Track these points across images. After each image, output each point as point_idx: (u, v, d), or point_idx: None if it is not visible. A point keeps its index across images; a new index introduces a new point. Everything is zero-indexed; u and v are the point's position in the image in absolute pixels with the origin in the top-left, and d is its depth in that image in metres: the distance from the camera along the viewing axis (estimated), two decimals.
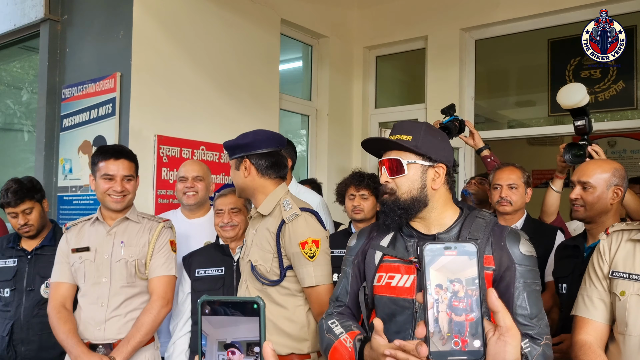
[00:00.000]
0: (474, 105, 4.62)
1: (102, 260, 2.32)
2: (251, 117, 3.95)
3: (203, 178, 2.85)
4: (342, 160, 4.94)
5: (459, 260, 0.89)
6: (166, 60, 3.43)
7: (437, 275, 0.89)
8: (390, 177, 1.60)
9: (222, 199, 2.55)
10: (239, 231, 2.51)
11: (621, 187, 2.12)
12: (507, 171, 2.76)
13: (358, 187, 2.91)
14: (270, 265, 2.06)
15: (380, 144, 1.68)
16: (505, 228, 1.59)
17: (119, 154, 2.38)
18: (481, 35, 4.59)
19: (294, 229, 2.03)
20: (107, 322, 2.27)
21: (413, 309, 1.55)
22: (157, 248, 2.39)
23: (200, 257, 2.57)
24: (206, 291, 2.46)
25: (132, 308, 2.32)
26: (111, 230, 2.37)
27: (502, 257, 1.52)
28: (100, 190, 2.34)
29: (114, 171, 2.33)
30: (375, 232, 1.74)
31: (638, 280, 1.58)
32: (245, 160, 2.14)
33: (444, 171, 1.62)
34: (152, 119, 3.33)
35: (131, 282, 2.33)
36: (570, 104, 2.68)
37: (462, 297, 0.88)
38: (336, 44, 4.91)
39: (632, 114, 4.13)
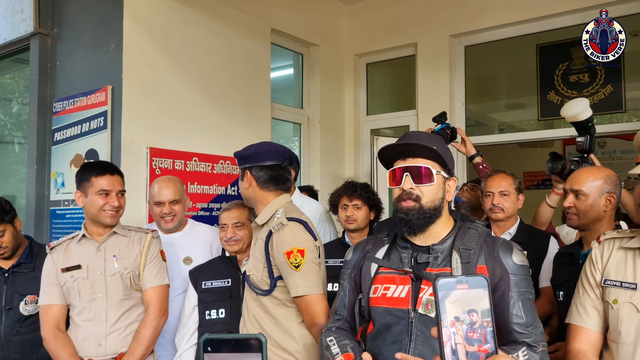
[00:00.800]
0: (465, 109, 4.66)
1: (95, 276, 2.31)
2: (243, 126, 3.95)
3: (179, 200, 2.80)
4: (334, 168, 4.95)
5: (472, 292, 0.90)
6: (157, 73, 3.42)
7: (453, 308, 0.91)
8: (415, 184, 1.59)
9: (226, 213, 2.56)
10: (242, 245, 2.52)
11: (614, 194, 2.13)
12: (499, 178, 2.79)
13: (351, 197, 2.91)
14: (261, 275, 2.09)
15: (400, 150, 1.64)
16: (497, 239, 1.61)
17: (113, 169, 2.40)
18: (470, 41, 4.63)
19: (279, 238, 2.04)
20: (107, 337, 2.28)
21: (409, 319, 1.56)
22: (149, 259, 2.41)
23: (207, 269, 2.59)
24: (213, 302, 2.48)
25: (131, 321, 2.34)
26: (101, 246, 2.37)
27: (496, 267, 1.54)
28: (96, 206, 2.33)
29: (110, 186, 2.34)
30: (370, 245, 1.76)
31: (630, 289, 1.59)
32: (247, 172, 2.18)
33: (455, 184, 1.67)
34: (144, 131, 3.33)
35: (128, 295, 2.34)
36: (569, 115, 2.73)
37: (477, 328, 0.90)
38: (327, 52, 4.93)
39: (621, 116, 4.17)
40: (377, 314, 1.64)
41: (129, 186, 2.63)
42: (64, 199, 3.51)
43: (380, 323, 1.63)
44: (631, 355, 1.54)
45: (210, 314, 2.47)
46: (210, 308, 2.47)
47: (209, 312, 2.47)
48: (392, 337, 1.59)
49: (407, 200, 1.60)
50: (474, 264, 1.55)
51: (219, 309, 2.46)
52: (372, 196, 2.96)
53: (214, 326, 2.44)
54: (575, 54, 4.24)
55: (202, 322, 2.48)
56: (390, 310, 1.60)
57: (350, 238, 2.96)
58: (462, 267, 1.54)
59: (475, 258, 1.55)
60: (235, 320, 2.41)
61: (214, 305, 2.47)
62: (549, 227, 2.97)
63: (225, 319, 2.45)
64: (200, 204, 3.61)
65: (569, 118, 2.74)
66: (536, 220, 2.99)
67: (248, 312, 2.17)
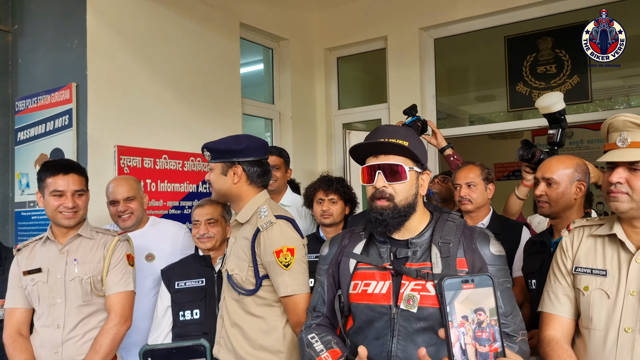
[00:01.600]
0: (436, 102, 4.68)
1: (55, 280, 2.23)
2: (213, 123, 3.90)
3: (135, 197, 2.74)
4: (307, 163, 4.93)
5: (479, 291, 0.90)
6: (123, 69, 3.35)
7: (461, 308, 0.90)
8: (388, 183, 1.57)
9: (199, 209, 2.51)
10: (215, 242, 2.48)
11: (584, 182, 2.17)
12: (466, 170, 2.81)
13: (327, 191, 2.90)
14: (245, 274, 2.02)
15: (372, 148, 1.61)
16: (474, 230, 1.61)
17: (68, 168, 2.28)
18: (439, 34, 4.65)
19: (268, 237, 1.98)
20: (64, 345, 2.19)
21: (390, 315, 1.55)
22: (113, 263, 2.31)
23: (180, 269, 2.53)
24: (188, 303, 2.42)
25: (90, 327, 2.24)
26: (63, 249, 2.29)
27: (475, 259, 1.54)
28: (51, 208, 2.24)
29: (64, 187, 2.23)
30: (347, 239, 1.73)
31: (600, 275, 1.61)
32: (237, 166, 2.07)
33: (428, 178, 1.64)
34: (111, 129, 3.25)
35: (88, 301, 2.25)
36: (543, 106, 2.77)
37: (485, 327, 0.89)
38: (297, 46, 4.89)
39: (588, 106, 4.24)
40: (358, 310, 1.63)
41: (96, 186, 2.57)
42: (29, 200, 3.41)
43: (361, 319, 1.62)
44: (602, 340, 1.56)
45: (185, 315, 2.41)
46: (185, 309, 2.42)
47: (183, 313, 2.41)
48: (375, 333, 1.58)
49: (380, 199, 1.57)
50: (454, 257, 1.54)
51: (194, 310, 2.41)
52: (347, 191, 2.96)
53: (188, 327, 2.39)
54: (543, 45, 4.30)
55: (177, 323, 2.43)
56: (371, 306, 1.59)
57: (325, 232, 2.95)
58: (442, 261, 1.53)
59: (454, 251, 1.55)
60: (211, 320, 2.36)
61: (188, 306, 2.42)
62: (519, 217, 3.00)
63: (200, 319, 2.40)
64: (171, 202, 3.55)
65: (543, 109, 2.77)
66: (506, 211, 3.02)
67: (228, 314, 2.08)
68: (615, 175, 1.54)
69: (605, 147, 1.62)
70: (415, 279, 1.54)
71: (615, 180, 1.54)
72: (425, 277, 1.52)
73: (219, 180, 2.08)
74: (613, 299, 1.56)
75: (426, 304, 1.51)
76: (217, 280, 2.43)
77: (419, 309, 1.52)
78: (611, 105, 4.56)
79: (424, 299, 1.52)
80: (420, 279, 1.53)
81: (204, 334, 2.36)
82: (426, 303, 1.51)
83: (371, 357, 1.55)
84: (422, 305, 1.52)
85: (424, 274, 1.53)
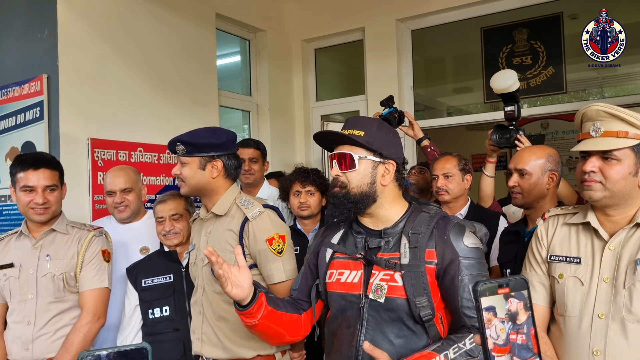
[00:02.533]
0: (413, 94, 4.69)
1: (27, 275, 2.19)
2: (190, 115, 3.85)
3: (132, 188, 2.70)
4: (286, 155, 4.91)
5: (515, 295, 0.89)
6: (96, 60, 3.28)
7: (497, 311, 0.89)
8: (341, 171, 1.61)
9: (161, 205, 2.45)
10: (182, 238, 2.44)
11: (556, 171, 2.19)
12: (443, 161, 2.82)
13: (304, 183, 2.88)
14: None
15: (332, 138, 1.67)
16: (449, 222, 1.60)
17: (38, 163, 2.21)
18: (416, 25, 4.65)
19: (258, 226, 2.00)
20: (34, 342, 2.16)
21: (360, 304, 1.57)
22: (87, 259, 2.27)
23: (146, 266, 2.48)
24: (156, 300, 2.38)
25: (62, 325, 2.21)
26: (37, 244, 2.24)
27: (445, 250, 1.53)
28: (22, 203, 2.20)
29: (34, 182, 2.18)
30: (328, 230, 1.77)
31: (574, 263, 1.63)
32: (217, 161, 2.05)
33: (393, 168, 1.63)
34: (84, 121, 3.18)
35: (60, 297, 2.21)
36: (501, 89, 2.78)
37: (522, 324, 0.88)
38: (274, 37, 4.85)
39: (562, 97, 4.29)
40: (332, 299, 1.66)
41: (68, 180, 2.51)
42: (1, 195, 3.33)
43: (335, 308, 1.65)
44: (577, 326, 1.58)
45: (154, 313, 2.37)
46: (154, 306, 2.38)
47: (152, 311, 2.37)
48: (346, 322, 1.60)
49: (335, 186, 1.63)
50: (422, 248, 1.54)
51: (163, 307, 2.37)
52: (324, 181, 2.94)
53: (159, 324, 2.35)
54: (518, 37, 4.33)
55: (146, 321, 2.39)
56: (344, 295, 1.62)
57: (302, 225, 2.94)
58: (410, 252, 1.54)
59: (424, 242, 1.54)
60: (181, 316, 2.34)
61: (157, 303, 2.38)
62: (494, 202, 3.02)
63: (170, 316, 2.36)
64: (148, 195, 3.49)
65: (500, 90, 2.80)
66: (481, 196, 3.03)
67: (211, 308, 2.05)
68: (589, 164, 1.56)
69: (579, 137, 1.64)
70: (384, 269, 1.55)
71: (588, 169, 1.55)
72: (393, 267, 1.54)
73: (196, 175, 2.04)
74: (587, 286, 1.58)
75: (394, 294, 1.52)
76: (185, 275, 2.40)
77: (386, 300, 1.53)
78: (585, 96, 4.61)
79: (391, 290, 1.53)
80: (389, 269, 1.54)
81: (175, 330, 2.34)
82: (394, 294, 1.52)
83: (342, 345, 1.58)
84: (390, 295, 1.52)
85: (392, 264, 1.54)
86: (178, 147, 2.03)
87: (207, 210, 2.14)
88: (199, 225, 2.19)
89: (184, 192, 2.10)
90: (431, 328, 1.52)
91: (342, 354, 1.58)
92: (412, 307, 1.50)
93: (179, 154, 2.04)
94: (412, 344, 1.52)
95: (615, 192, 1.54)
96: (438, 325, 1.53)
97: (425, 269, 1.52)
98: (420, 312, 1.49)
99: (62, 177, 2.32)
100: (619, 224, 1.59)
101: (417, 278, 1.51)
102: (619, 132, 1.52)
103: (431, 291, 1.52)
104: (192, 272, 2.19)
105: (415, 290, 1.50)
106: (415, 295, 1.50)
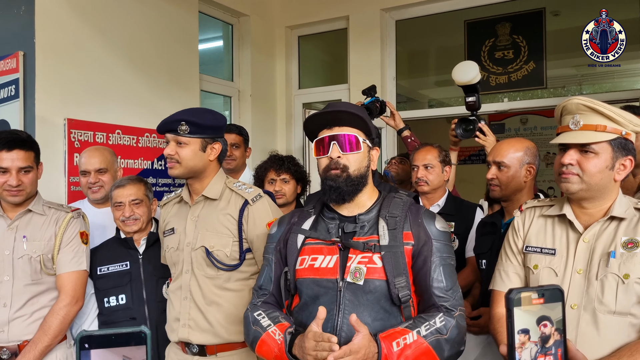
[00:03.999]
0: (396, 85, 4.69)
1: (2, 257, 2.14)
2: (170, 99, 3.79)
3: (107, 169, 2.66)
4: (266, 142, 4.88)
5: (549, 306, 0.86)
6: (74, 39, 3.20)
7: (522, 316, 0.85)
8: (343, 153, 1.60)
9: (120, 190, 2.37)
10: (142, 224, 2.37)
11: (533, 164, 2.21)
12: (423, 152, 2.82)
13: (278, 171, 2.84)
14: (230, 250, 1.98)
15: (328, 119, 1.64)
16: (420, 207, 1.68)
17: (12, 143, 2.14)
18: (401, 15, 4.65)
19: (258, 210, 1.99)
20: (10, 324, 2.11)
21: (337, 288, 1.57)
22: (65, 241, 2.23)
23: (101, 253, 2.41)
24: (112, 289, 2.33)
25: (39, 307, 2.17)
26: (12, 224, 2.19)
27: (420, 232, 1.60)
28: None
29: (8, 164, 2.12)
30: (296, 217, 1.75)
31: (549, 254, 1.66)
32: (217, 143, 2.02)
33: (377, 154, 1.69)
34: (61, 101, 3.12)
35: (37, 280, 2.17)
36: (464, 81, 2.83)
37: (551, 346, 0.85)
38: (257, 23, 4.80)
39: (542, 93, 4.34)
40: (303, 286, 1.63)
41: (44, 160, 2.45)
42: None
43: (307, 295, 1.62)
44: None
45: (110, 301, 2.31)
46: (109, 295, 2.32)
47: (107, 300, 2.31)
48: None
49: (335, 169, 1.60)
50: (400, 230, 1.59)
51: (119, 295, 2.31)
52: (299, 169, 2.91)
53: (115, 313, 2.30)
54: (501, 31, 4.36)
55: (102, 310, 2.34)
56: (317, 280, 1.60)
57: None
58: (389, 233, 1.58)
59: (401, 225, 1.59)
60: (138, 304, 2.29)
61: (113, 292, 2.31)
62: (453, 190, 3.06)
63: (127, 304, 2.30)
64: None
65: (462, 83, 2.84)
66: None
67: (201, 293, 2.00)
68: (567, 157, 1.58)
69: (558, 130, 1.65)
70: (362, 252, 1.57)
71: (566, 161, 1.57)
72: (372, 249, 1.57)
73: (195, 157, 1.98)
74: (561, 277, 1.61)
75: (373, 276, 1.54)
76: (143, 263, 2.36)
77: (365, 282, 1.54)
78: (564, 93, 4.68)
79: (370, 272, 1.55)
80: (367, 252, 1.57)
81: (131, 319, 2.28)
82: (373, 276, 1.54)
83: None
84: (369, 277, 1.54)
85: (371, 246, 1.57)
86: (181, 127, 1.94)
87: (189, 193, 2.09)
88: (178, 209, 2.14)
89: (176, 174, 2.00)
90: (406, 309, 1.56)
91: None
92: (391, 288, 1.53)
93: (180, 134, 1.95)
94: (388, 325, 1.53)
95: (592, 185, 1.56)
96: (411, 308, 1.57)
97: (404, 250, 1.57)
98: (399, 292, 1.53)
99: (37, 157, 2.26)
100: (594, 216, 1.61)
101: (396, 258, 1.55)
102: (598, 125, 1.54)
103: (408, 272, 1.56)
104: (170, 257, 2.11)
105: (395, 270, 1.54)
106: (395, 276, 1.53)
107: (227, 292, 2.00)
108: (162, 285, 2.34)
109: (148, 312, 2.30)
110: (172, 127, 1.96)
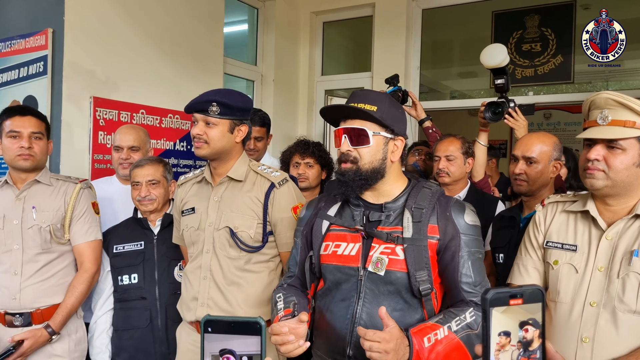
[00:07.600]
0: (420, 74, 4.66)
1: (11, 226, 2.20)
2: (194, 81, 3.81)
3: (139, 148, 2.71)
4: (287, 127, 4.89)
5: (527, 307, 0.84)
6: (103, 17, 3.23)
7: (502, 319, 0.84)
8: (353, 147, 1.58)
9: (138, 170, 2.38)
10: (158, 205, 2.39)
11: (560, 161, 2.19)
12: (446, 143, 2.80)
13: (303, 154, 2.88)
14: (254, 232, 2.00)
15: (341, 112, 1.63)
16: (450, 199, 1.63)
17: (25, 111, 2.27)
18: (428, 4, 4.60)
19: (284, 193, 2.02)
20: (22, 291, 2.19)
21: (358, 277, 1.57)
22: (79, 213, 2.30)
23: (119, 232, 2.46)
24: (125, 268, 2.37)
25: (50, 274, 2.24)
26: (20, 195, 2.25)
27: (447, 226, 1.56)
28: (8, 151, 2.22)
29: (20, 127, 2.21)
30: (323, 202, 1.75)
31: (570, 250, 1.64)
32: (244, 125, 2.03)
33: (402, 144, 1.64)
34: (88, 79, 3.15)
35: (47, 248, 2.23)
36: (493, 65, 2.79)
37: (535, 350, 0.84)
38: (283, 7, 4.79)
39: (568, 87, 4.28)
40: (327, 271, 1.65)
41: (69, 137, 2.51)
42: None
43: (330, 280, 1.64)
44: (568, 313, 1.59)
45: (123, 280, 2.36)
46: (123, 273, 2.36)
47: (121, 278, 2.36)
48: (342, 294, 1.60)
49: (345, 162, 1.60)
50: (425, 223, 1.56)
51: (132, 274, 2.35)
52: (324, 155, 2.94)
53: (128, 291, 2.35)
54: (529, 23, 4.29)
55: (117, 287, 2.39)
56: (340, 267, 1.61)
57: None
58: (413, 225, 1.55)
59: (427, 217, 1.56)
60: (150, 284, 2.33)
61: (127, 270, 2.36)
62: (485, 177, 3.01)
63: (138, 283, 2.34)
64: None
65: (491, 66, 2.80)
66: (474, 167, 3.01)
67: (222, 273, 2.01)
68: (594, 152, 1.55)
69: (585, 124, 1.63)
70: (386, 242, 1.56)
71: (593, 157, 1.55)
72: (395, 241, 1.55)
73: (224, 138, 1.98)
74: (581, 274, 1.59)
75: (394, 268, 1.53)
76: (157, 243, 2.38)
77: (386, 273, 1.54)
78: (590, 89, 4.60)
79: (392, 263, 1.54)
80: (390, 242, 1.55)
81: (142, 298, 2.33)
82: (394, 267, 1.53)
83: (336, 319, 1.58)
84: (390, 269, 1.54)
85: (394, 237, 1.55)
86: (212, 107, 1.94)
87: (211, 174, 2.09)
88: (198, 188, 2.15)
89: (203, 154, 1.99)
90: (428, 302, 1.55)
91: (336, 327, 1.58)
92: (411, 281, 1.51)
93: (211, 115, 1.95)
94: (408, 317, 1.54)
95: (618, 181, 1.54)
96: (433, 300, 1.56)
97: (427, 244, 1.54)
98: (419, 285, 1.51)
99: (47, 130, 2.33)
100: (618, 214, 1.59)
101: (419, 252, 1.53)
102: (627, 121, 1.51)
103: (431, 266, 1.54)
104: (189, 236, 2.11)
105: (417, 264, 1.52)
106: (416, 269, 1.51)
107: (248, 274, 2.02)
108: (174, 267, 2.37)
109: (159, 293, 2.33)
110: (202, 107, 1.95)
